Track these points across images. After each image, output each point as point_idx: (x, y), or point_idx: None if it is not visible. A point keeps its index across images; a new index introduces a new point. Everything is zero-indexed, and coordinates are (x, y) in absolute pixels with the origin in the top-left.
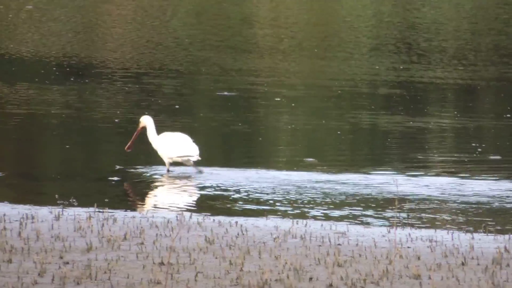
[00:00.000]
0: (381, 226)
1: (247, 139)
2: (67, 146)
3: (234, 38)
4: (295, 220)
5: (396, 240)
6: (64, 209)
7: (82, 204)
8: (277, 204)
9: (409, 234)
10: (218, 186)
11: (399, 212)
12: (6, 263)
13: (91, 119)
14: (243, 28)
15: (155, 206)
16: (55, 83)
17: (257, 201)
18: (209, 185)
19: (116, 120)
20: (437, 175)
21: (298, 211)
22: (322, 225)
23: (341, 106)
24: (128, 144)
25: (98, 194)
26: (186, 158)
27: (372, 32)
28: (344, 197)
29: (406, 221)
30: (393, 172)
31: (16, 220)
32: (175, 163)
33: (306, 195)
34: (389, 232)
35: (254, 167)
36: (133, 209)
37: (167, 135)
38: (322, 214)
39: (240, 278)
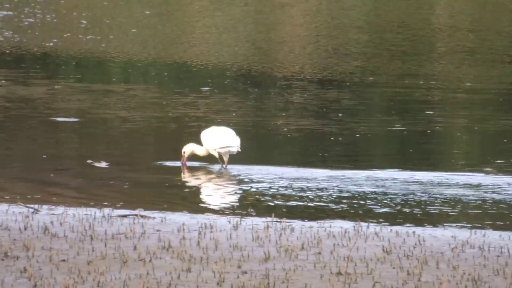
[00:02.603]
0: None
1: (416, 141)
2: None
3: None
4: (472, 230)
5: None
6: (242, 219)
7: (259, 214)
8: (453, 213)
9: None
10: (395, 194)
11: None
12: (185, 272)
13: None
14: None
15: (333, 215)
16: (233, 92)
17: (432, 209)
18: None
19: (285, 129)
20: None
21: (475, 221)
22: (500, 235)
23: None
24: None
25: (276, 203)
26: (226, 149)
27: None
28: None
29: None
30: None
31: (195, 230)
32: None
33: (483, 203)
34: None
35: (432, 170)
36: (311, 218)
37: (211, 129)
38: (501, 224)
39: None
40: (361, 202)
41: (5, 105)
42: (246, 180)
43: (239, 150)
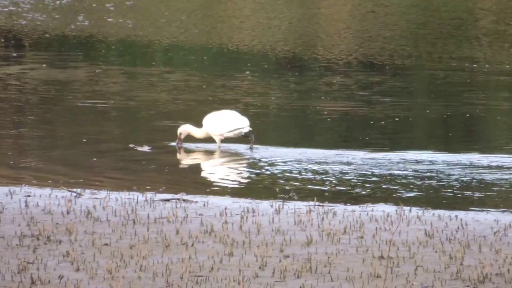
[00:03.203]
0: None
1: (464, 124)
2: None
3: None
4: None
5: None
6: (284, 203)
7: (301, 198)
8: (495, 196)
9: None
10: (439, 175)
11: None
12: (227, 256)
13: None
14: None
15: (375, 199)
16: (276, 75)
17: (474, 193)
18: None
19: (325, 112)
20: None
21: None
22: None
23: None
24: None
25: (317, 187)
26: (237, 132)
27: None
28: None
29: None
30: None
31: (237, 214)
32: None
33: None
34: None
35: (474, 153)
36: (353, 202)
37: (213, 114)
38: None
39: (460, 272)
40: (403, 185)
41: (46, 89)
42: (287, 163)
43: (250, 129)
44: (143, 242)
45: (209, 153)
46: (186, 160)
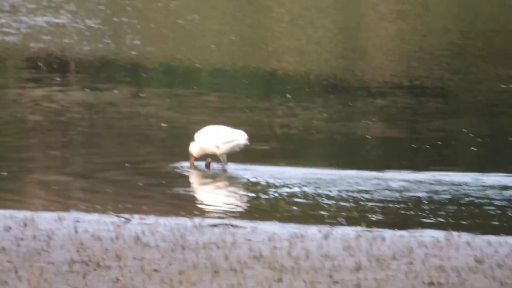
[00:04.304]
0: None
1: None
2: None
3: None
4: None
5: None
6: (333, 228)
7: (350, 222)
8: None
9: None
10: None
11: None
12: (276, 282)
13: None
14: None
15: (423, 224)
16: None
17: None
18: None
19: (369, 137)
20: None
21: None
22: None
23: None
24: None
25: (365, 211)
26: (234, 144)
27: None
28: None
29: None
30: None
31: (286, 239)
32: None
33: None
34: None
35: None
36: (401, 227)
37: (208, 128)
38: None
39: None
40: (451, 209)
41: (90, 112)
42: (332, 186)
43: (248, 143)
44: (192, 268)
45: (256, 176)
46: (233, 184)
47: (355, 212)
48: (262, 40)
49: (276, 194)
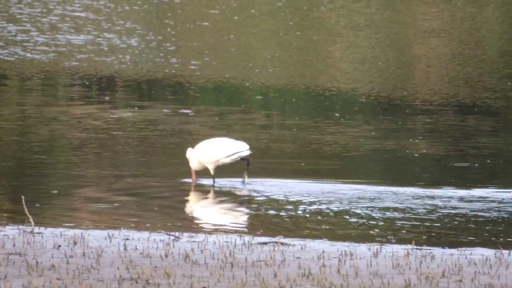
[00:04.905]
0: None
1: None
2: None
3: None
4: None
5: None
6: (382, 246)
7: (399, 241)
8: None
9: None
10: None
11: None
12: None
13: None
14: None
15: (472, 242)
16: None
17: None
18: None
19: (417, 155)
20: None
21: None
22: None
23: None
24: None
25: (415, 228)
26: (236, 156)
27: None
28: None
29: None
30: None
31: (335, 257)
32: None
33: None
34: None
35: None
36: (450, 245)
37: (206, 142)
38: None
39: None
40: (502, 227)
41: (136, 130)
42: (382, 203)
43: (250, 152)
44: (241, 285)
45: (304, 193)
46: (280, 201)
47: (404, 230)
48: (310, 59)
49: (325, 211)
